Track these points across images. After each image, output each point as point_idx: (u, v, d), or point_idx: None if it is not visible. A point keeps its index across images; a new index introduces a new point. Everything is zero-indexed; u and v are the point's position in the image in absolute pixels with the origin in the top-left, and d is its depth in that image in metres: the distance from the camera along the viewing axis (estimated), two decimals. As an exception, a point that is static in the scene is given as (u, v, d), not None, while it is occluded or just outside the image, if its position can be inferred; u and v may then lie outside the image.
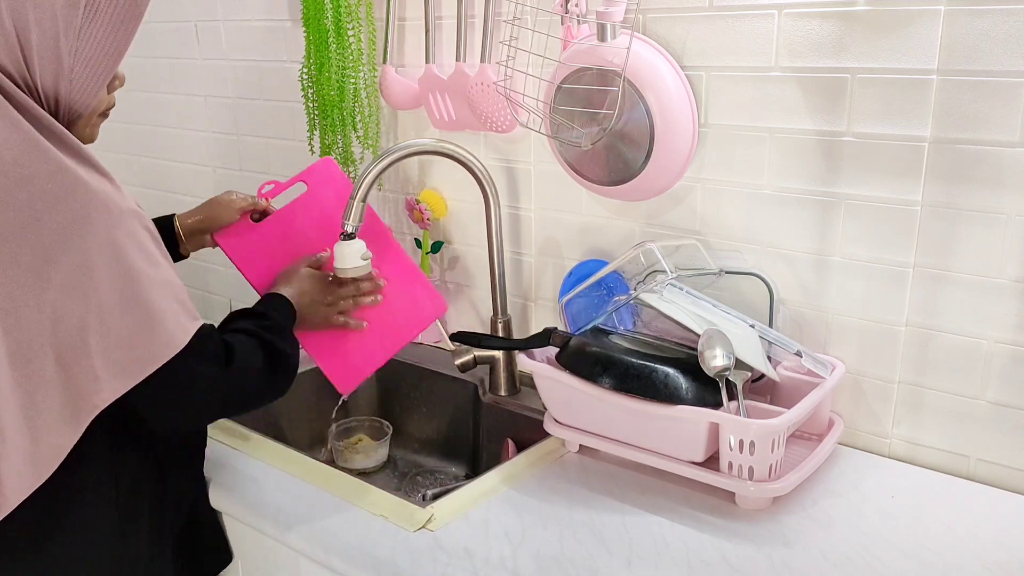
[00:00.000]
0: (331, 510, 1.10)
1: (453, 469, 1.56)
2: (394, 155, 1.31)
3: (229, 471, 1.22)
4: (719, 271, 1.26)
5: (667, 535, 1.03)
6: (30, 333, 0.88)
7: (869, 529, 1.04)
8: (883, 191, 1.14)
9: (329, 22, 1.57)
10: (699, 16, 1.23)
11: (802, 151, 1.19)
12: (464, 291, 1.66)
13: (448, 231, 1.66)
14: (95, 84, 0.93)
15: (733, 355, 1.10)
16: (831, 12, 1.12)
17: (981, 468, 1.15)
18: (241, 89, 1.95)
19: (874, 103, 1.12)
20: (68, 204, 0.87)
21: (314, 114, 1.66)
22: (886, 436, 1.22)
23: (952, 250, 1.11)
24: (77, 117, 0.94)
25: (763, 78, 1.20)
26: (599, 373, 1.14)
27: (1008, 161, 1.05)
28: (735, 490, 1.08)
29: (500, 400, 1.46)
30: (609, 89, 1.23)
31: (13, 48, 0.87)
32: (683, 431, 1.10)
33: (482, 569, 0.97)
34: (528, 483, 1.16)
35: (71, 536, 0.99)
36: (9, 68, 0.88)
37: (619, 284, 1.29)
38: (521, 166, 1.51)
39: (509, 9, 1.37)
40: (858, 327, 1.21)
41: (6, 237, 0.87)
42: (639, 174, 1.27)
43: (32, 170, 0.87)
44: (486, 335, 1.48)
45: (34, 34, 0.87)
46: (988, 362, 1.12)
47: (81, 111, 0.94)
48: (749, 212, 1.26)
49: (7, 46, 0.87)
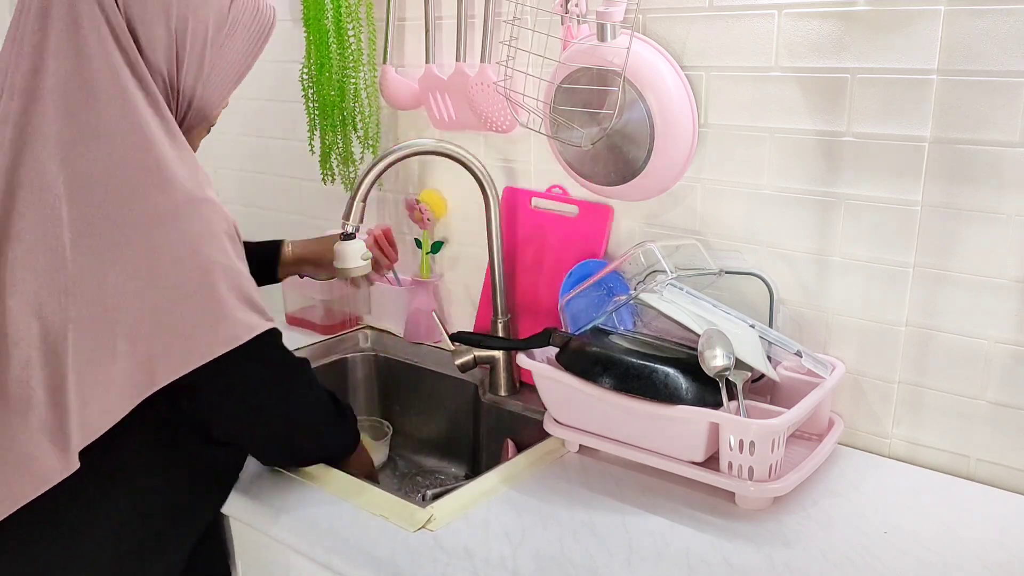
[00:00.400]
0: (331, 510, 1.10)
1: (453, 469, 1.56)
2: (394, 155, 1.31)
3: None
4: (719, 271, 1.26)
5: (667, 535, 1.03)
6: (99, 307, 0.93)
7: (869, 529, 1.04)
8: (883, 191, 1.14)
9: (329, 22, 1.58)
10: (699, 16, 1.23)
11: (802, 151, 1.19)
12: (464, 291, 1.66)
13: (448, 231, 1.66)
14: (222, 94, 1.07)
15: (733, 355, 1.10)
16: (831, 12, 1.12)
17: (981, 468, 1.15)
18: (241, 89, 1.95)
19: (874, 103, 1.12)
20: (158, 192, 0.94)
21: (314, 114, 1.66)
22: (886, 436, 1.22)
23: (952, 250, 1.11)
24: (199, 122, 1.06)
25: (763, 78, 1.20)
26: (599, 373, 1.14)
27: (1008, 161, 1.05)
28: (735, 490, 1.08)
29: (500, 400, 1.46)
30: (609, 89, 1.23)
31: (171, 49, 0.99)
32: (683, 431, 1.10)
33: (482, 569, 0.97)
34: (528, 483, 1.16)
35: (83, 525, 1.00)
36: (162, 65, 0.98)
37: (619, 284, 1.29)
38: (521, 166, 1.51)
39: (509, 9, 1.37)
40: (858, 327, 1.21)
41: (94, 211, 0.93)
42: (639, 174, 1.27)
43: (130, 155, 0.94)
44: (486, 335, 1.48)
45: (189, 39, 0.99)
46: (988, 362, 1.12)
47: (205, 116, 1.06)
48: (749, 212, 1.26)
49: (167, 46, 0.98)
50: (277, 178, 1.97)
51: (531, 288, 1.51)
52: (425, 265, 1.67)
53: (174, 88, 1.01)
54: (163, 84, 1.00)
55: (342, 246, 1.24)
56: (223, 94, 1.07)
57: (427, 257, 1.67)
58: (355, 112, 1.62)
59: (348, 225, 1.24)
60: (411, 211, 1.65)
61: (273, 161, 1.95)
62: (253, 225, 2.06)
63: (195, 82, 1.02)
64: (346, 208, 1.25)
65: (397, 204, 1.73)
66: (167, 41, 0.99)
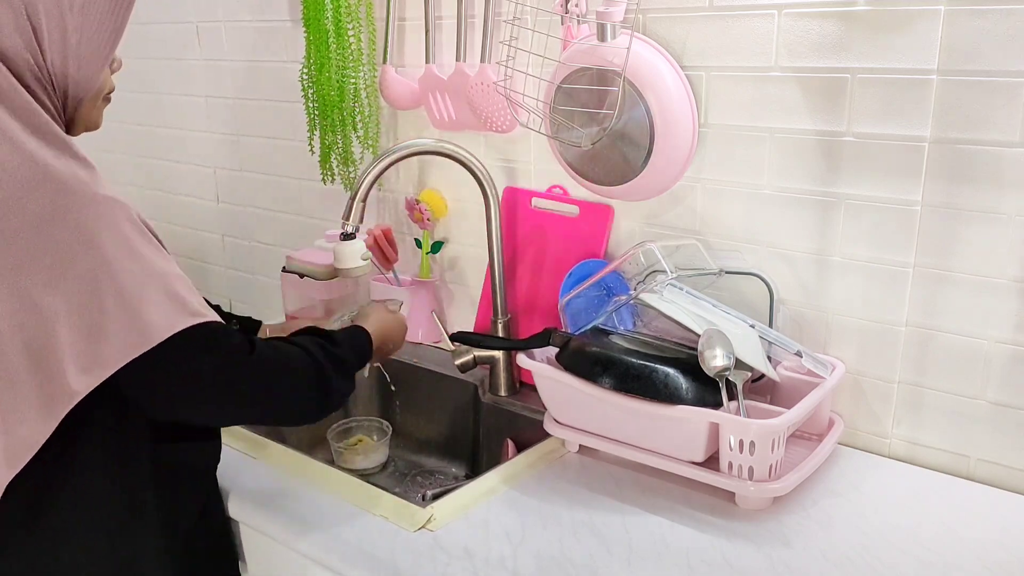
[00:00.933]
0: (331, 510, 1.10)
1: (453, 469, 1.56)
2: (394, 155, 1.31)
3: (229, 471, 1.22)
4: (719, 271, 1.26)
5: (667, 535, 1.03)
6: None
7: (869, 529, 1.04)
8: (883, 191, 1.14)
9: (329, 22, 1.57)
10: (699, 16, 1.23)
11: (802, 151, 1.19)
12: (464, 291, 1.66)
13: (448, 231, 1.66)
14: (99, 62, 0.94)
15: (733, 355, 1.10)
16: (831, 12, 1.12)
17: (981, 468, 1.15)
18: (241, 89, 1.96)
19: (874, 103, 1.12)
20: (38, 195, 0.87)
21: (314, 114, 1.66)
22: (886, 436, 1.22)
23: (952, 250, 1.11)
24: (82, 98, 0.95)
25: (763, 78, 1.20)
26: (599, 373, 1.14)
27: (1008, 161, 1.05)
28: (735, 490, 1.08)
29: (500, 400, 1.46)
30: (609, 89, 1.23)
31: (24, 26, 0.88)
32: (683, 431, 1.10)
33: (482, 569, 0.97)
34: (528, 483, 1.16)
35: (67, 528, 0.98)
36: (20, 48, 0.88)
37: (619, 284, 1.29)
38: (521, 166, 1.51)
39: (509, 9, 1.37)
40: (858, 327, 1.21)
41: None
42: (639, 174, 1.27)
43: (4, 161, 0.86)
44: (486, 335, 1.48)
45: (41, 10, 0.88)
46: (988, 362, 1.12)
47: (86, 91, 0.94)
48: (749, 212, 1.26)
49: (18, 25, 0.87)
50: (277, 178, 1.97)
51: (531, 288, 1.51)
52: (425, 265, 1.67)
53: (41, 68, 0.89)
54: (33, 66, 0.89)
55: (342, 246, 1.24)
56: (101, 62, 0.94)
57: (427, 257, 1.67)
58: (355, 112, 1.62)
59: (348, 225, 1.24)
60: (411, 211, 1.65)
61: (273, 161, 1.95)
62: (253, 225, 2.06)
63: (63, 57, 0.90)
64: (346, 208, 1.25)
65: (397, 204, 1.73)
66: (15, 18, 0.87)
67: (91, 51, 0.93)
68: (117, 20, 0.94)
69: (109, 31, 0.93)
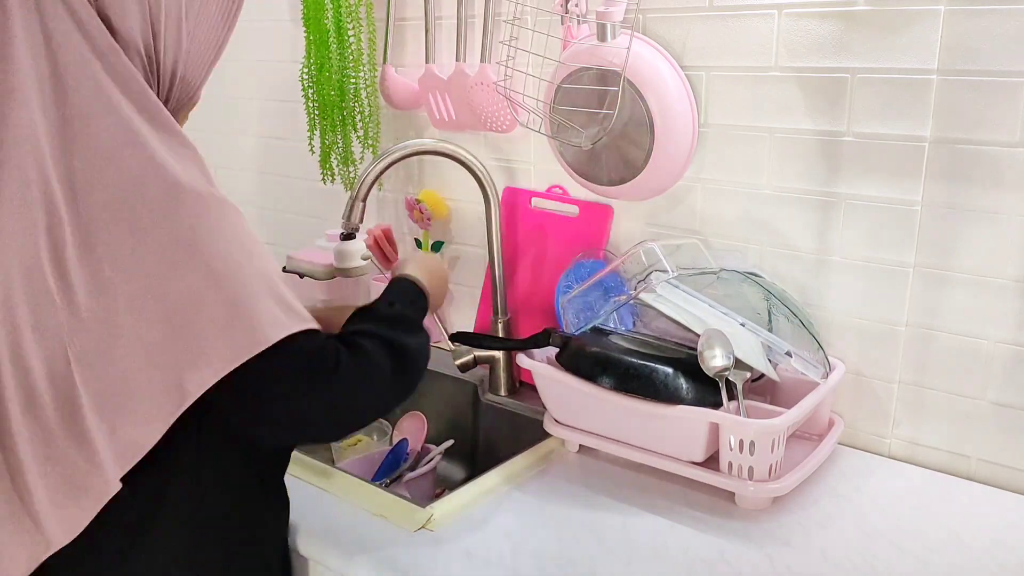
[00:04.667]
0: (331, 510, 1.10)
1: (453, 469, 1.56)
2: (394, 155, 1.31)
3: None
4: (719, 271, 1.26)
5: (667, 535, 1.03)
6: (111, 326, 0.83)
7: (869, 529, 1.04)
8: (883, 191, 1.14)
9: (329, 22, 1.58)
10: (699, 16, 1.23)
11: (802, 151, 1.19)
12: (464, 291, 1.66)
13: (448, 231, 1.66)
14: (204, 70, 0.97)
15: (733, 355, 1.10)
16: (831, 12, 1.12)
17: (981, 468, 1.15)
18: (241, 89, 1.96)
19: (874, 103, 1.12)
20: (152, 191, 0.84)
21: (314, 114, 1.66)
22: (886, 436, 1.22)
23: (952, 250, 1.11)
24: (184, 103, 0.97)
25: (763, 78, 1.20)
26: (599, 373, 1.14)
27: (1008, 161, 1.05)
28: (735, 490, 1.08)
29: (500, 400, 1.46)
30: (609, 89, 1.23)
31: (146, 24, 0.89)
32: (683, 431, 1.10)
33: (482, 569, 0.97)
34: (528, 483, 1.16)
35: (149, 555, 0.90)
36: (140, 45, 0.89)
37: (619, 284, 1.29)
38: (521, 166, 1.51)
39: (509, 9, 1.37)
40: (858, 327, 1.21)
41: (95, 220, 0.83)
42: (639, 174, 1.27)
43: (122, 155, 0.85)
44: (486, 335, 1.48)
45: (163, 12, 0.90)
46: (988, 362, 1.12)
47: (189, 97, 0.97)
48: (749, 212, 1.26)
49: (143, 21, 0.89)
50: (277, 178, 1.97)
51: (531, 288, 1.51)
52: (425, 265, 1.67)
53: (156, 66, 0.91)
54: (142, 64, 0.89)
55: (342, 246, 1.24)
56: (206, 71, 0.98)
57: (427, 257, 1.67)
58: (355, 112, 1.62)
59: (348, 225, 1.24)
60: (411, 211, 1.65)
61: (273, 161, 1.95)
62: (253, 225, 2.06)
63: (175, 58, 0.92)
64: (346, 208, 1.25)
65: (397, 204, 1.73)
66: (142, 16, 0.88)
67: (199, 59, 0.96)
68: (223, 32, 0.98)
69: (216, 42, 0.97)
